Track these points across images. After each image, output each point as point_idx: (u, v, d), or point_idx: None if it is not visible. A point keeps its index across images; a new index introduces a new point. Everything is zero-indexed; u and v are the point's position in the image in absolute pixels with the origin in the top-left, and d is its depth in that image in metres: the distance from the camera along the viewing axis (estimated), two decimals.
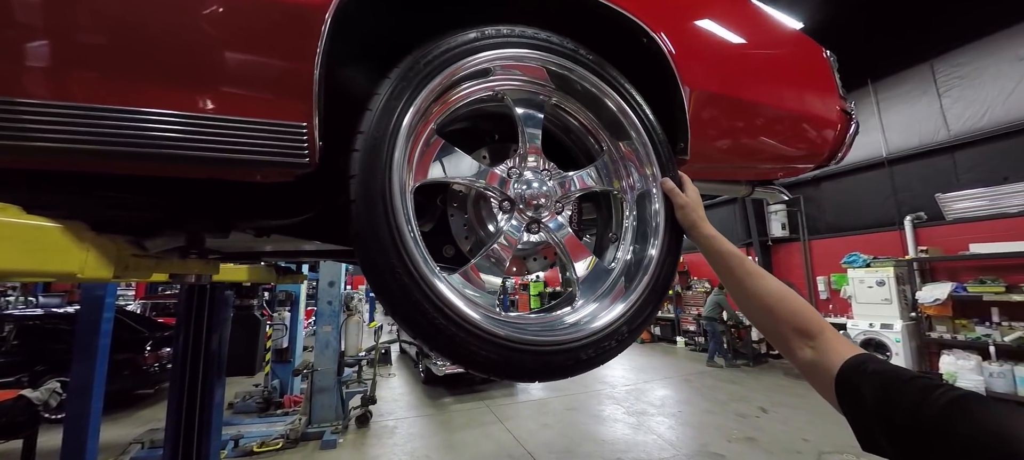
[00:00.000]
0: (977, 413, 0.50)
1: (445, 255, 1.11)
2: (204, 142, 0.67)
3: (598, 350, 0.81)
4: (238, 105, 0.70)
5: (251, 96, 0.70)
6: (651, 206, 0.98)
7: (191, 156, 0.67)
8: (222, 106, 0.69)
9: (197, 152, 0.67)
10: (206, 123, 0.68)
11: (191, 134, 0.67)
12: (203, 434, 3.28)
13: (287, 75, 0.72)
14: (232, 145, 0.69)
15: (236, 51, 0.70)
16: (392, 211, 0.69)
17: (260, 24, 0.70)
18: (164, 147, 0.65)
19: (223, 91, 0.69)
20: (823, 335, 0.73)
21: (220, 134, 0.68)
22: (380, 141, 0.71)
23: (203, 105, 0.69)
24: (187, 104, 0.67)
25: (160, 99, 0.66)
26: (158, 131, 0.65)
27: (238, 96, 0.70)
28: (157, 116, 0.65)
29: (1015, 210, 6.20)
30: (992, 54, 6.65)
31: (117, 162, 0.66)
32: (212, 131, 0.68)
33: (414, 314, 0.68)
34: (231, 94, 0.69)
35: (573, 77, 0.93)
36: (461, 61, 0.81)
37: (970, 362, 5.79)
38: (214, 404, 3.30)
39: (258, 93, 0.71)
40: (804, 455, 4.56)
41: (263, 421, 5.67)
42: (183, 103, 0.67)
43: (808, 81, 1.47)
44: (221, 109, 0.69)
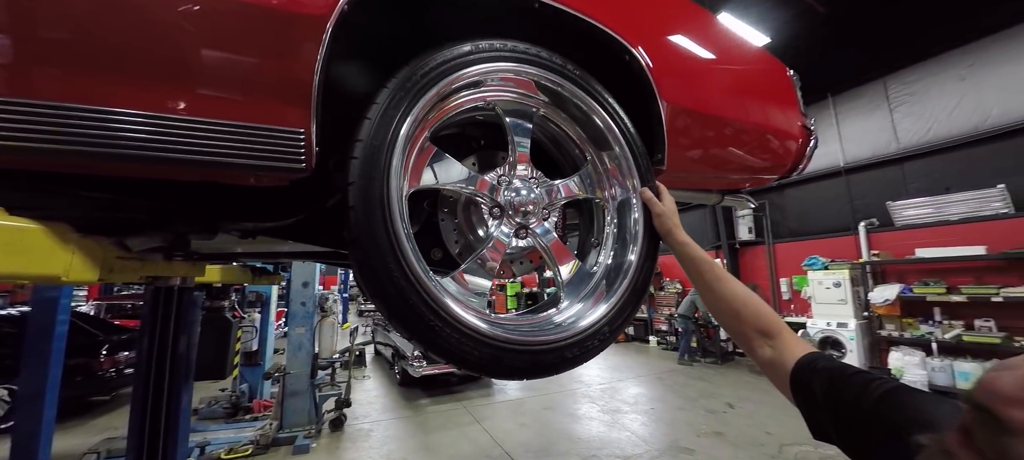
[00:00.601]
0: (905, 403, 0.58)
1: (433, 258, 1.14)
2: (200, 145, 0.68)
3: (582, 349, 0.86)
4: (237, 110, 0.71)
5: (250, 102, 0.71)
6: (631, 214, 1.05)
7: (186, 159, 0.67)
8: (220, 110, 0.70)
9: (192, 155, 0.68)
10: (203, 127, 0.68)
11: (187, 137, 0.67)
12: (169, 441, 3.14)
13: (287, 82, 0.73)
14: (229, 149, 0.70)
15: (237, 58, 0.71)
16: (390, 217, 0.72)
17: (262, 33, 0.72)
18: (159, 149, 0.66)
19: (222, 96, 0.70)
20: (781, 335, 0.82)
21: (217, 138, 0.69)
22: (379, 149, 0.74)
23: (200, 108, 0.69)
24: (184, 107, 0.68)
25: (156, 102, 0.67)
26: (154, 133, 0.65)
27: (237, 101, 0.71)
28: (152, 119, 0.65)
29: (956, 218, 6.74)
30: (937, 74, 7.22)
31: (110, 163, 0.66)
32: (209, 134, 0.69)
33: (411, 317, 0.71)
34: (230, 99, 0.71)
35: (561, 91, 0.98)
36: (456, 73, 0.84)
37: (915, 358, 6.25)
38: (181, 409, 3.17)
39: (257, 99, 0.72)
40: (767, 447, 4.80)
41: (231, 427, 5.47)
42: (180, 106, 0.68)
43: (773, 98, 1.58)
44: (219, 113, 0.70)
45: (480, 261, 0.88)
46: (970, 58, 6.84)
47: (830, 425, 0.65)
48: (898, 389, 0.60)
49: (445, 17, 0.96)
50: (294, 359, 5.31)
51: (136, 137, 0.64)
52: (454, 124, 1.09)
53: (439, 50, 0.84)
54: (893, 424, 0.56)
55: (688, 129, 1.22)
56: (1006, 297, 5.68)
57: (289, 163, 0.75)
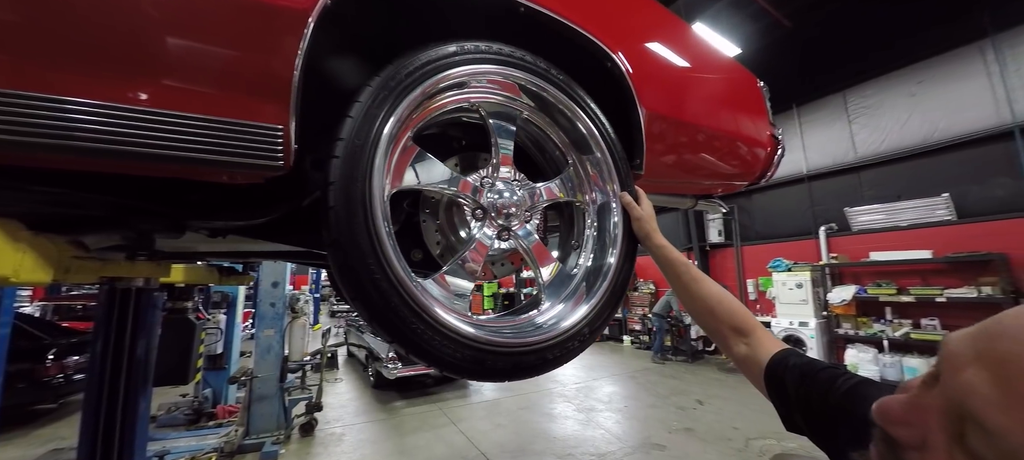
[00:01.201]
0: (868, 396, 0.61)
1: (413, 259, 1.13)
2: (169, 140, 0.65)
3: (563, 350, 0.87)
4: (210, 103, 0.68)
5: (225, 95, 0.69)
6: (610, 217, 1.07)
7: (152, 154, 0.64)
8: (191, 103, 0.67)
9: (159, 150, 0.64)
10: (173, 120, 0.65)
11: (154, 130, 0.64)
12: (125, 452, 2.96)
13: (266, 77, 0.71)
14: (201, 144, 0.67)
15: (211, 48, 0.68)
16: (372, 218, 0.71)
17: (240, 23, 0.69)
18: (122, 143, 0.62)
19: (194, 88, 0.67)
20: (755, 333, 0.86)
21: (188, 132, 0.66)
22: (361, 149, 0.72)
23: (169, 100, 0.66)
24: (149, 98, 0.65)
25: (118, 91, 0.63)
26: (116, 125, 0.62)
27: (210, 94, 0.68)
28: (114, 110, 0.62)
29: (905, 224, 7.23)
30: (891, 90, 7.71)
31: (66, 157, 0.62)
32: (179, 129, 0.65)
33: (393, 320, 0.70)
34: (203, 92, 0.67)
35: (545, 95, 0.99)
36: (442, 73, 0.84)
37: (868, 354, 6.66)
38: (138, 417, 2.99)
39: (233, 92, 0.69)
40: (734, 441, 4.99)
41: (193, 434, 5.21)
42: (145, 97, 0.64)
43: (745, 108, 1.64)
44: (190, 106, 0.67)
45: (462, 263, 0.88)
46: (919, 76, 7.35)
47: (801, 417, 0.69)
48: (861, 384, 0.64)
49: (432, 17, 0.95)
50: (262, 362, 5.11)
51: (96, 129, 0.60)
52: (436, 124, 1.08)
53: (424, 50, 0.83)
54: (858, 417, 0.60)
55: (666, 135, 1.26)
56: (948, 298, 6.13)
57: (265, 161, 0.72)
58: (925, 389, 0.39)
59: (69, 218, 0.84)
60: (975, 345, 0.34)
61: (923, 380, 0.40)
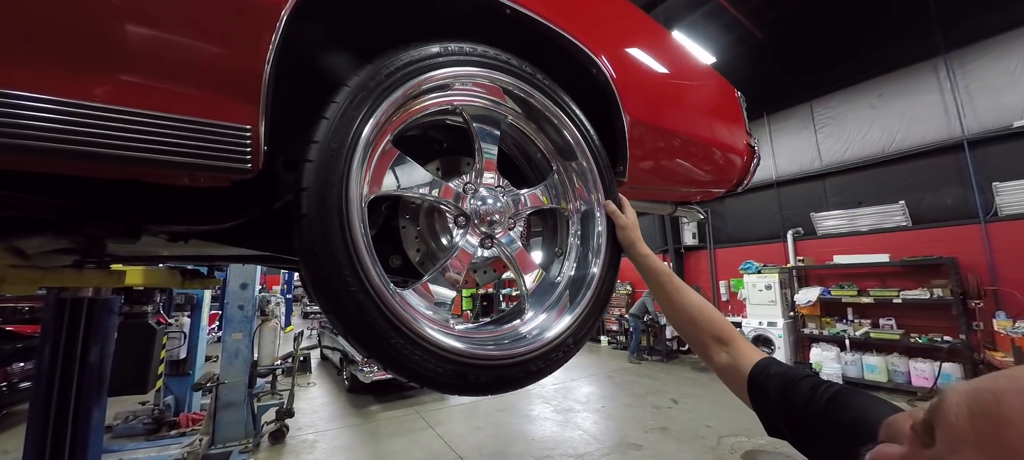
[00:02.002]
0: (850, 404, 0.64)
1: (391, 265, 1.09)
2: (126, 139, 0.59)
3: (547, 362, 0.85)
4: (172, 100, 0.62)
5: (189, 92, 0.63)
6: (594, 225, 1.06)
7: (108, 155, 0.58)
8: (152, 100, 0.61)
9: (116, 150, 0.59)
10: (131, 118, 0.60)
11: (109, 129, 0.58)
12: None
13: (234, 73, 0.66)
14: (161, 144, 0.62)
15: (174, 40, 0.63)
16: (348, 226, 0.67)
17: (206, 14, 0.64)
18: (70, 142, 0.56)
19: (156, 85, 0.61)
20: (734, 342, 0.88)
21: (147, 131, 0.60)
22: (337, 153, 0.68)
23: (129, 97, 0.60)
24: (107, 95, 0.59)
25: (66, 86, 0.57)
26: (64, 122, 0.56)
27: (174, 91, 0.62)
28: (61, 106, 0.56)
29: (866, 229, 7.62)
30: (853, 101, 8.12)
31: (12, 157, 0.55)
32: (137, 127, 0.60)
33: (370, 334, 0.66)
34: (165, 89, 0.62)
35: (530, 100, 0.97)
36: (425, 75, 0.80)
37: (831, 353, 6.98)
38: (91, 428, 2.79)
39: (197, 89, 0.64)
40: (707, 439, 5.12)
41: (153, 445, 4.92)
42: (102, 93, 0.59)
43: (724, 116, 1.68)
44: (151, 103, 0.61)
45: (444, 271, 0.84)
46: (880, 89, 7.76)
47: (783, 424, 0.71)
48: (841, 392, 0.66)
49: (415, 17, 0.92)
50: (229, 367, 4.88)
51: (41, 127, 0.54)
52: (417, 126, 1.04)
53: (406, 50, 0.79)
54: (840, 424, 0.62)
55: (648, 142, 1.26)
56: (904, 299, 6.49)
57: (232, 163, 0.67)
58: (919, 446, 0.39)
59: (3, 221, 0.76)
60: (975, 426, 0.33)
61: (917, 430, 0.39)
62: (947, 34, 6.85)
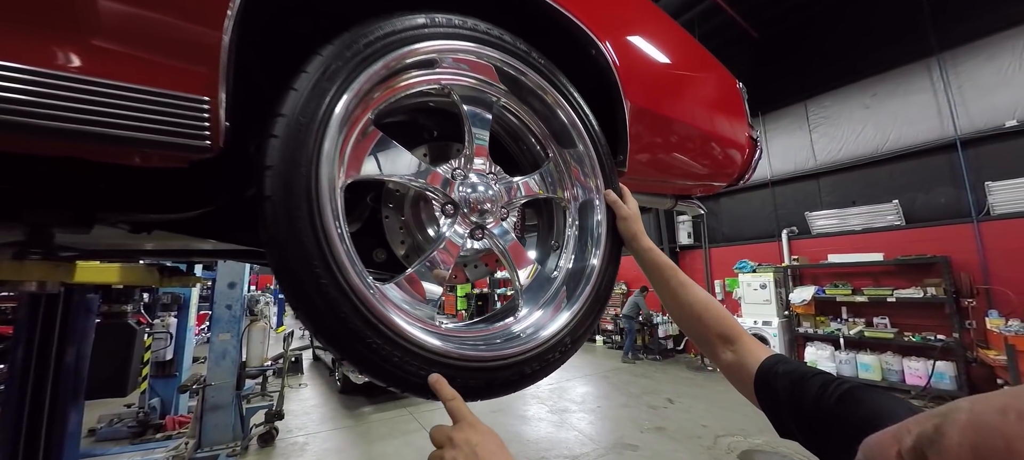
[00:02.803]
0: (863, 402, 0.60)
1: (375, 259, 1.01)
2: (57, 108, 0.51)
3: (542, 363, 0.78)
4: (117, 66, 0.54)
5: (136, 56, 0.55)
6: (593, 216, 0.99)
7: (32, 126, 0.50)
8: (93, 65, 0.53)
9: (43, 121, 0.51)
10: (62, 83, 0.51)
11: (39, 96, 0.50)
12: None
13: (187, 35, 0.58)
14: (104, 116, 0.54)
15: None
16: (319, 211, 0.59)
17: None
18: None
19: (96, 45, 0.53)
20: (741, 340, 0.82)
21: (87, 100, 0.52)
22: (307, 128, 0.60)
23: (55, 59, 0.52)
24: (29, 55, 0.50)
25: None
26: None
27: (117, 54, 0.54)
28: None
29: (859, 228, 7.64)
30: (847, 101, 8.14)
31: None
32: (74, 95, 0.52)
33: (343, 333, 0.58)
34: (108, 50, 0.54)
35: (524, 80, 0.90)
36: (408, 47, 0.73)
37: (826, 351, 6.98)
38: (67, 434, 2.68)
39: (145, 53, 0.56)
40: (703, 439, 5.08)
41: (137, 449, 4.80)
42: (34, 55, 0.50)
43: (727, 108, 1.61)
44: (92, 69, 0.53)
45: (430, 265, 0.77)
46: (874, 89, 7.78)
47: (793, 424, 0.67)
48: (853, 389, 0.62)
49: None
50: (217, 369, 4.76)
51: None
52: (404, 109, 0.96)
53: (388, 18, 0.72)
54: (852, 423, 0.58)
55: (650, 131, 1.19)
56: (898, 298, 6.51)
57: (186, 140, 0.59)
58: None
59: None
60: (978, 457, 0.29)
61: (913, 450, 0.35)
62: (940, 34, 6.88)
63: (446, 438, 0.58)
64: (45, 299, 2.55)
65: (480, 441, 0.56)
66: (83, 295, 2.66)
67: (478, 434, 0.57)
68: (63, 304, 2.59)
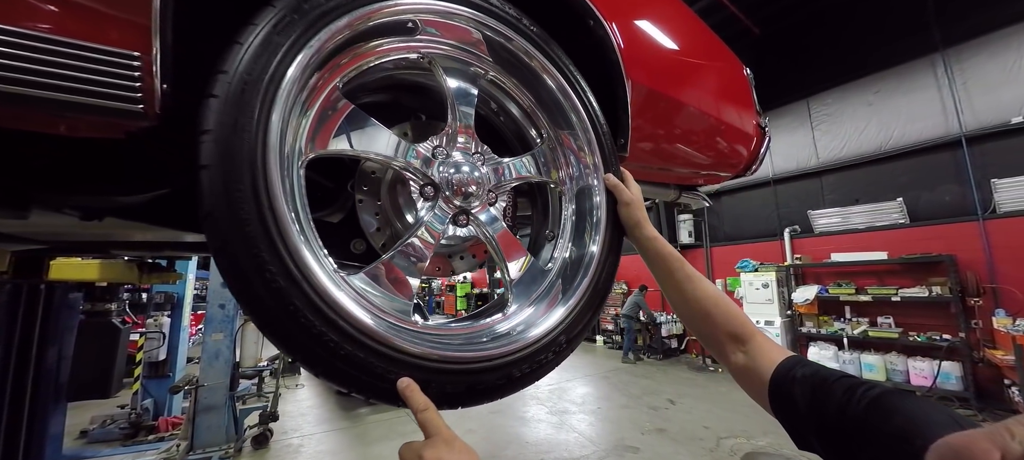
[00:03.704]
0: (896, 410, 0.51)
1: (355, 251, 0.92)
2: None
3: (534, 365, 0.69)
4: (29, 12, 0.46)
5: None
6: (592, 202, 0.90)
7: None
8: None
9: None
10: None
11: None
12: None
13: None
14: (12, 72, 0.45)
15: None
16: (266, 185, 0.50)
17: None
18: None
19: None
20: (754, 340, 0.73)
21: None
22: (253, 86, 0.51)
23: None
24: None
25: None
26: None
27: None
28: None
29: (863, 226, 7.54)
30: (850, 98, 8.04)
31: None
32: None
33: (291, 328, 0.49)
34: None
35: (514, 49, 0.80)
36: (380, 3, 0.63)
37: (829, 352, 6.88)
38: (47, 436, 2.60)
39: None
40: (705, 441, 4.99)
41: (129, 451, 4.71)
42: None
43: (734, 93, 1.52)
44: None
45: (405, 253, 0.68)
46: (877, 85, 7.69)
47: (814, 435, 0.59)
48: (884, 395, 0.54)
49: None
50: (210, 369, 4.67)
51: None
52: (382, 84, 0.87)
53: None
54: (885, 434, 0.51)
55: (653, 113, 1.11)
56: (902, 297, 6.41)
57: (116, 102, 0.50)
58: None
59: None
60: None
61: None
62: (944, 31, 6.79)
63: (416, 457, 0.48)
64: (25, 297, 2.46)
65: None
66: (65, 293, 2.57)
67: (453, 453, 0.48)
68: (44, 302, 2.51)
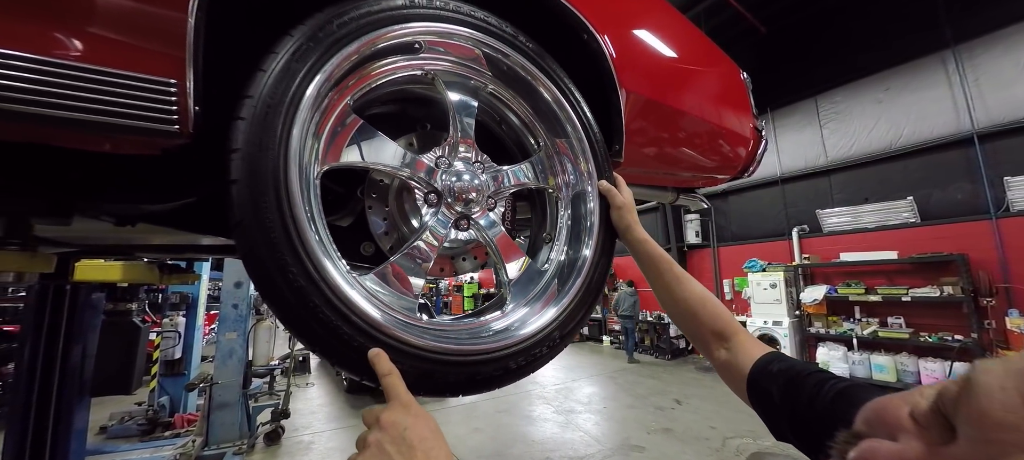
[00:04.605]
0: (860, 400, 0.56)
1: (364, 253, 0.99)
2: (23, 91, 0.50)
3: (529, 358, 0.75)
4: (81, 48, 0.53)
5: (101, 37, 0.54)
6: (586, 206, 0.95)
7: None
8: (55, 47, 0.52)
9: (9, 104, 0.49)
10: (28, 66, 0.50)
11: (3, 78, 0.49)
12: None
13: (151, 16, 0.56)
14: (69, 99, 0.52)
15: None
16: (288, 195, 0.57)
17: None
18: None
19: (59, 27, 0.52)
20: (736, 337, 0.78)
21: (50, 82, 0.51)
22: (275, 109, 0.58)
23: (25, 41, 0.51)
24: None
25: None
26: None
27: (82, 35, 0.53)
28: None
29: (872, 226, 7.46)
30: (859, 96, 7.96)
31: None
32: (38, 76, 0.50)
33: (311, 323, 0.56)
34: (67, 30, 0.52)
35: (511, 64, 0.86)
36: (385, 28, 0.70)
37: (838, 352, 6.83)
38: (73, 431, 2.71)
39: (111, 34, 0.54)
40: (712, 441, 5.00)
41: (147, 446, 4.85)
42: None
43: (730, 98, 1.57)
44: (49, 49, 0.51)
45: (411, 255, 0.74)
46: (886, 83, 7.60)
47: (787, 426, 0.64)
48: (850, 388, 0.58)
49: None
50: (224, 367, 4.81)
51: None
52: (390, 99, 0.94)
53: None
54: (847, 422, 0.55)
55: (647, 119, 1.16)
56: (913, 297, 6.34)
57: (155, 123, 0.57)
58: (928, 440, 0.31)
59: None
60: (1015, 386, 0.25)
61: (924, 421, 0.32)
62: (955, 27, 6.70)
63: (375, 419, 0.52)
64: (52, 297, 2.58)
65: (411, 424, 0.51)
66: (88, 293, 2.69)
67: (410, 416, 0.52)
68: (69, 302, 2.62)
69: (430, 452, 0.49)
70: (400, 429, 0.50)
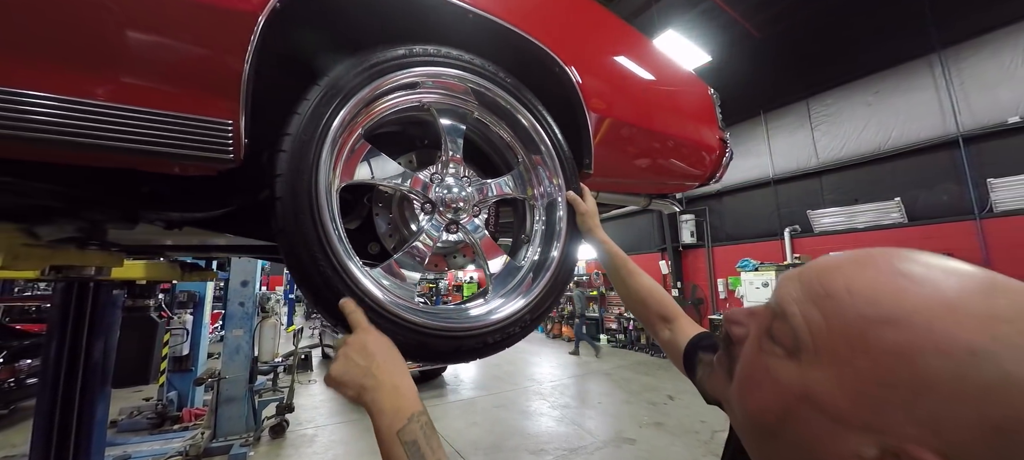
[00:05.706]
0: None
1: (370, 252, 1.18)
2: (122, 132, 0.68)
3: (504, 335, 0.94)
4: (161, 97, 0.71)
5: (177, 91, 0.72)
6: (557, 213, 1.14)
7: (103, 145, 0.67)
8: (143, 97, 0.70)
9: (111, 141, 0.68)
10: (127, 114, 0.68)
11: (105, 123, 0.67)
12: (81, 457, 2.87)
13: (216, 73, 0.74)
14: (152, 136, 0.70)
15: (163, 44, 0.71)
16: (317, 208, 0.75)
17: (191, 23, 0.72)
18: (73, 134, 0.65)
19: (147, 84, 0.70)
20: (678, 320, 0.96)
21: (140, 125, 0.69)
22: (308, 143, 0.77)
23: (121, 94, 0.69)
24: (102, 92, 0.68)
25: (70, 85, 0.66)
26: (67, 117, 0.65)
27: (164, 90, 0.71)
28: (66, 102, 0.65)
29: (862, 226, 7.66)
30: (850, 98, 8.16)
31: (15, 146, 0.64)
32: (131, 121, 0.69)
33: (335, 305, 0.74)
34: (157, 88, 0.71)
35: (493, 96, 1.05)
36: (390, 75, 0.89)
37: None
38: (95, 421, 2.90)
39: (183, 87, 0.73)
40: (701, 434, 5.19)
41: (156, 438, 5.05)
42: (97, 90, 0.67)
43: (695, 113, 1.75)
44: (142, 100, 0.70)
45: (410, 253, 0.93)
46: (876, 86, 7.80)
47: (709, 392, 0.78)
48: None
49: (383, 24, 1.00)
50: (231, 363, 5.00)
51: (47, 119, 0.63)
52: (395, 122, 1.13)
53: (373, 52, 0.88)
54: None
55: (613, 137, 1.34)
56: None
57: (216, 154, 0.76)
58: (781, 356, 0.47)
59: (19, 208, 0.85)
60: (799, 270, 0.43)
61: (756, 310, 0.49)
62: (942, 31, 6.89)
63: (343, 341, 0.68)
64: (76, 294, 2.77)
65: (370, 340, 0.66)
66: (110, 291, 2.88)
67: (370, 336, 0.67)
68: (92, 299, 2.81)
69: (386, 358, 0.65)
70: (362, 342, 0.66)
